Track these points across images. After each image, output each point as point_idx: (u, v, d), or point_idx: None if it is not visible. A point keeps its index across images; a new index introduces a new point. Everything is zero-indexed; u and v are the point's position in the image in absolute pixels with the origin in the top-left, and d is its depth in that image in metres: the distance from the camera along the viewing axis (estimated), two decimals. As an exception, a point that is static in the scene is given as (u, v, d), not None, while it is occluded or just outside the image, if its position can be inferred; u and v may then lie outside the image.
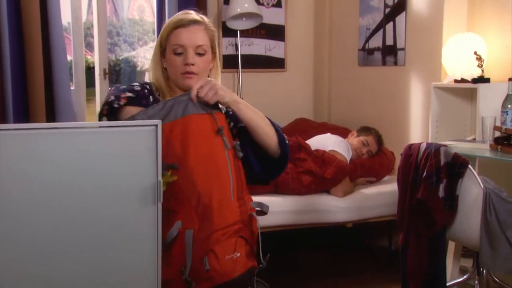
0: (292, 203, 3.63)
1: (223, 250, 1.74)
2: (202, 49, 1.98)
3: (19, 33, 3.72)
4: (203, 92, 1.85)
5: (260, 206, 1.92)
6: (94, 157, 1.43)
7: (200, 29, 2.00)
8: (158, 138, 1.46)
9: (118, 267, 1.47)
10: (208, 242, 1.73)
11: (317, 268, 4.06)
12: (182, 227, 1.72)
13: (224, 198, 1.78)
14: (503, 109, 3.23)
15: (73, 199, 1.42)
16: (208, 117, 1.84)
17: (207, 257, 1.72)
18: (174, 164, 1.72)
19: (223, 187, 1.79)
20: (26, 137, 1.39)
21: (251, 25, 4.55)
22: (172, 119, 1.79)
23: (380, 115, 4.39)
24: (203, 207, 1.74)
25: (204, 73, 2.01)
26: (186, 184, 1.73)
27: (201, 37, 1.99)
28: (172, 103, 1.82)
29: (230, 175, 1.81)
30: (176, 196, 1.73)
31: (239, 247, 1.78)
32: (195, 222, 1.73)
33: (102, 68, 4.20)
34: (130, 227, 1.47)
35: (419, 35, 4.05)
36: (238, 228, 1.79)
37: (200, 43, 1.98)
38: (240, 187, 1.85)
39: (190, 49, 1.97)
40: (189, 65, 1.96)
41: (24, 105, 3.77)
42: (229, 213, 1.78)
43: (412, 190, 2.90)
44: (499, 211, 2.70)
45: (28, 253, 1.39)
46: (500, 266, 2.75)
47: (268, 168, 2.03)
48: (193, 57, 1.97)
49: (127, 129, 1.47)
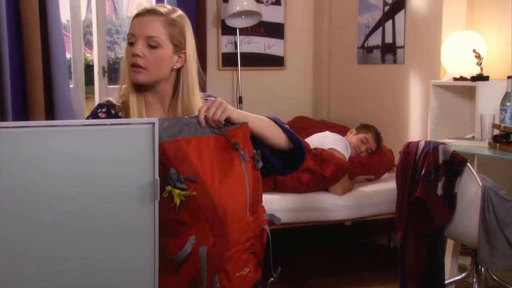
0: (291, 201, 3.63)
1: (234, 268, 1.69)
2: (153, 41, 1.81)
3: (18, 31, 3.71)
4: (211, 112, 1.71)
5: (272, 218, 1.85)
6: (91, 155, 1.42)
7: (157, 20, 1.83)
8: (155, 136, 1.46)
9: (115, 266, 1.46)
10: (221, 260, 1.66)
11: (316, 266, 4.06)
12: (195, 242, 1.64)
13: (239, 215, 1.70)
14: (502, 107, 3.23)
15: (69, 198, 1.41)
16: (221, 137, 1.73)
17: (218, 276, 1.65)
18: (193, 177, 1.63)
19: (239, 203, 1.71)
20: (23, 135, 1.38)
21: (250, 23, 4.55)
22: (187, 135, 1.69)
23: (379, 113, 4.39)
24: (219, 223, 1.65)
25: (155, 70, 1.84)
26: (202, 199, 1.64)
27: (154, 28, 1.82)
28: (184, 122, 1.71)
29: (247, 190, 1.72)
30: (190, 209, 1.64)
31: (248, 263, 1.73)
32: (209, 239, 1.65)
33: (101, 66, 4.20)
34: (127, 226, 1.46)
35: (418, 33, 4.05)
36: (251, 244, 1.74)
37: (151, 34, 1.82)
38: (256, 199, 1.77)
39: (140, 39, 1.82)
40: (135, 56, 1.81)
41: (23, 103, 3.77)
42: (243, 230, 1.72)
43: (410, 188, 2.90)
44: (498, 209, 2.71)
45: (23, 253, 1.39)
46: (499, 264, 2.76)
47: (287, 162, 1.96)
48: (142, 48, 1.82)
49: (124, 127, 1.47)
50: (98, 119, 1.87)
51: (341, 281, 3.76)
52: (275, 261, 1.85)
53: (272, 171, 1.95)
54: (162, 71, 1.86)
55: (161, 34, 1.83)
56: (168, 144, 1.61)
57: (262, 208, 1.84)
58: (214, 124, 1.72)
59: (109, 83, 4.21)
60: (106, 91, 4.17)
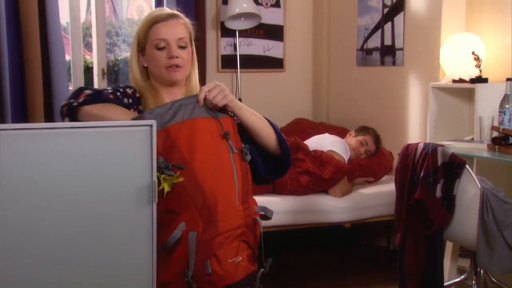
0: (290, 203, 3.63)
1: (225, 254, 1.73)
2: (183, 41, 1.98)
3: (17, 33, 3.72)
4: (212, 95, 1.82)
5: (265, 210, 1.89)
6: (89, 157, 1.43)
7: (179, 23, 2.00)
8: (153, 138, 1.46)
9: (113, 267, 1.47)
10: (211, 245, 1.71)
11: (315, 268, 4.06)
12: (185, 228, 1.69)
13: (229, 202, 1.76)
14: (501, 109, 3.23)
15: (67, 199, 1.42)
16: (214, 121, 1.81)
17: (209, 261, 1.70)
18: (181, 164, 1.70)
19: (228, 191, 1.77)
20: (22, 137, 1.39)
21: (249, 25, 4.55)
22: (179, 120, 1.76)
23: (379, 115, 4.40)
24: (208, 209, 1.71)
25: (187, 66, 2.01)
26: (191, 186, 1.70)
27: (181, 30, 1.99)
28: (179, 104, 1.79)
29: (235, 178, 1.79)
30: (179, 197, 1.70)
31: (241, 251, 1.77)
32: (199, 224, 1.70)
33: (101, 68, 4.20)
34: (125, 227, 1.47)
35: (417, 35, 4.06)
36: (242, 232, 1.78)
37: (181, 36, 1.98)
38: (245, 191, 1.83)
39: (173, 42, 1.97)
40: (173, 58, 1.96)
41: (22, 105, 3.77)
42: (233, 216, 1.76)
43: (409, 190, 2.91)
44: (496, 211, 2.71)
45: (21, 254, 1.39)
46: (497, 266, 2.76)
47: (271, 168, 2.02)
48: (177, 50, 1.97)
49: (122, 129, 1.48)
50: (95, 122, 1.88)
51: (341, 283, 3.76)
52: (274, 263, 1.85)
53: (255, 174, 1.98)
54: (189, 68, 2.04)
55: (186, 35, 2.01)
56: (158, 133, 1.62)
57: (253, 200, 1.88)
58: (212, 106, 1.82)
59: (108, 85, 4.21)
60: (106, 93, 4.17)
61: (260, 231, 1.84)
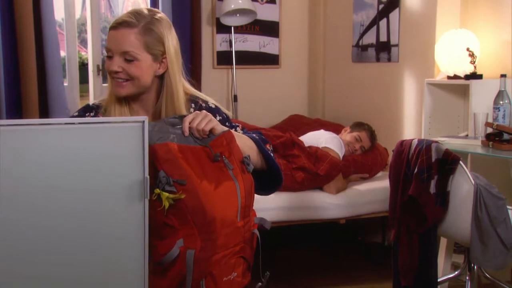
0: (285, 199, 3.64)
1: (221, 272, 1.68)
2: (129, 55, 1.80)
3: (12, 29, 3.70)
4: (195, 122, 1.70)
5: (263, 222, 1.84)
6: (81, 153, 1.43)
7: (130, 33, 1.80)
8: (145, 134, 1.46)
9: (105, 264, 1.47)
10: (209, 263, 1.66)
11: (310, 265, 4.07)
12: (183, 245, 1.63)
13: (229, 220, 1.69)
14: (495, 105, 3.24)
15: (59, 196, 1.42)
16: (202, 149, 1.71)
17: (204, 280, 1.65)
18: (182, 180, 1.62)
19: (230, 210, 1.70)
20: (16, 133, 1.39)
21: (245, 21, 4.55)
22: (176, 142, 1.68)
23: (374, 111, 4.40)
24: (208, 227, 1.65)
25: (137, 81, 1.83)
26: (191, 202, 1.63)
27: (128, 42, 1.79)
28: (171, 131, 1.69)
29: (238, 195, 1.71)
30: (179, 213, 1.63)
31: (237, 267, 1.73)
32: (197, 242, 1.64)
33: (96, 64, 4.19)
34: (117, 224, 1.47)
35: (412, 31, 4.06)
36: (240, 248, 1.73)
37: (126, 49, 1.79)
38: (249, 204, 1.76)
39: (116, 55, 1.81)
40: (113, 71, 1.82)
41: (17, 101, 3.76)
42: (233, 235, 1.71)
43: (403, 187, 2.91)
44: (490, 207, 2.71)
45: (13, 249, 1.40)
46: (491, 262, 2.76)
47: (263, 184, 1.94)
48: (120, 63, 1.81)
49: (114, 125, 1.48)
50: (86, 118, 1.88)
51: (335, 279, 3.77)
52: (269, 259, 1.84)
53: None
54: (143, 81, 1.84)
55: (135, 47, 1.80)
56: (158, 146, 1.61)
57: (253, 212, 1.82)
58: (198, 134, 1.71)
59: (103, 81, 4.20)
60: (101, 89, 4.17)
61: (257, 243, 1.80)
